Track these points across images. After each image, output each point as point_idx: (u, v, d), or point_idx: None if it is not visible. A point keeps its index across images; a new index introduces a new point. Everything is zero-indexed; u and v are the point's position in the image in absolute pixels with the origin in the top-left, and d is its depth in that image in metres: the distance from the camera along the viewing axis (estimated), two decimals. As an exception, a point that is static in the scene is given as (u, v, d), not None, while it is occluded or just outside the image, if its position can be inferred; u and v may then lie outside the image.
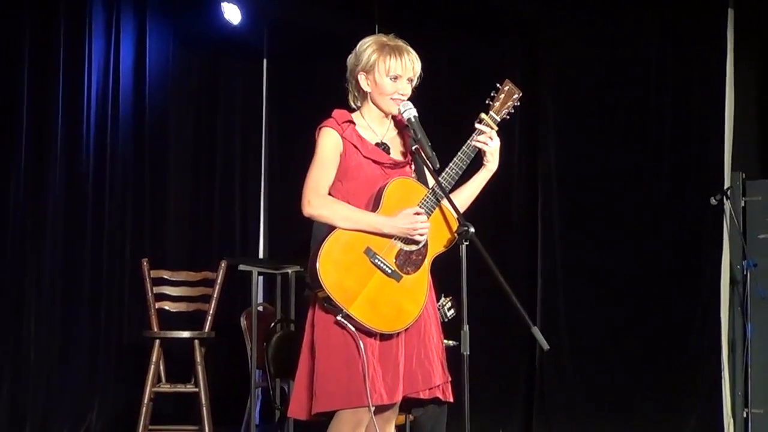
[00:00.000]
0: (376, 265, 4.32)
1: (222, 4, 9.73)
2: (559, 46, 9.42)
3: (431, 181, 4.47)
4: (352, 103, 4.56)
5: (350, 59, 4.54)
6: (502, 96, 4.54)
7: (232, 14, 9.81)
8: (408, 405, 4.83)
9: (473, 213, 4.39)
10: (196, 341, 6.31)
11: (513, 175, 9.43)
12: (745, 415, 8.65)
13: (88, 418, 9.24)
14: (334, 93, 4.62)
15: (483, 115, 4.50)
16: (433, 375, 4.46)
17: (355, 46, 4.56)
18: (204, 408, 6.26)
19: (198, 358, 6.29)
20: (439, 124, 4.75)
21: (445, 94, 9.06)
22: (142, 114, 9.88)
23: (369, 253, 4.32)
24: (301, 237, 5.57)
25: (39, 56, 9.13)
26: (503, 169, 4.70)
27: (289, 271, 7.81)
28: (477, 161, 4.58)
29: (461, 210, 4.41)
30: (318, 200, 4.36)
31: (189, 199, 10.32)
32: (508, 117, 4.56)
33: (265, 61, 11.00)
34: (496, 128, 4.52)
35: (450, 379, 4.53)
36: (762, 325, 8.65)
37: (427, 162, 4.42)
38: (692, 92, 8.94)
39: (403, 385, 4.38)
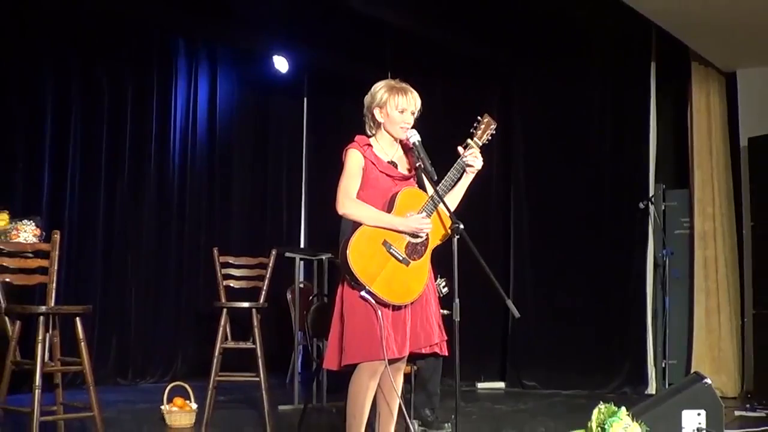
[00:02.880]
0: (391, 253, 4.28)
1: (273, 57, 9.73)
2: (527, 88, 9.43)
3: (430, 190, 4.44)
4: (368, 131, 4.52)
5: (367, 98, 4.50)
6: (483, 126, 4.51)
7: (281, 65, 9.83)
8: (413, 358, 4.78)
9: (463, 214, 4.34)
10: (254, 310, 6.25)
11: (491, 186, 9.44)
12: (663, 365, 8.65)
13: (175, 366, 9.28)
14: (356, 123, 4.57)
15: (469, 141, 4.47)
16: (432, 335, 4.43)
17: (371, 88, 4.52)
18: (260, 360, 6.19)
19: (255, 323, 6.23)
20: (436, 147, 4.68)
21: (440, 124, 9.01)
22: (213, 139, 9.94)
23: (386, 244, 4.28)
24: (333, 232, 5.52)
25: (138, 97, 9.23)
26: (484, 180, 4.66)
27: (324, 257, 7.76)
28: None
29: (452, 209, 4.38)
30: (350, 203, 4.32)
31: (248, 204, 10.37)
32: (488, 142, 4.52)
33: (305, 99, 11.01)
34: (479, 150, 4.48)
35: (446, 338, 4.50)
36: (676, 298, 8.68)
37: (428, 175, 4.40)
38: (625, 123, 8.93)
39: (410, 343, 4.35)
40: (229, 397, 7.77)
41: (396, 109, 4.42)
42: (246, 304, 6.30)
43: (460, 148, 4.45)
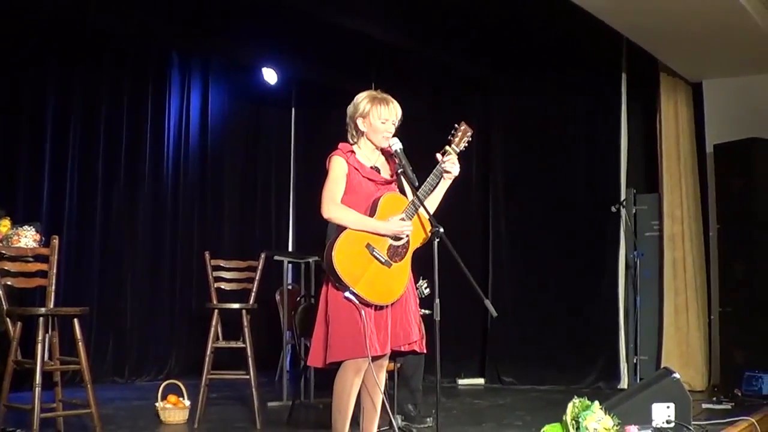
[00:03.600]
0: (374, 256, 4.28)
1: (263, 69, 9.72)
2: (505, 97, 9.46)
3: (411, 195, 4.45)
4: (351, 139, 4.53)
5: (350, 108, 4.51)
6: (460, 133, 4.51)
7: (270, 76, 9.82)
8: (394, 356, 4.79)
9: (443, 218, 4.35)
10: (244, 311, 6.24)
11: (471, 190, 9.44)
12: (635, 361, 8.67)
13: (169, 365, 9.26)
14: (342, 132, 4.57)
15: (447, 147, 4.47)
16: (411, 333, 4.43)
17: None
18: (249, 359, 6.19)
19: (245, 323, 6.23)
20: (420, 154, 4.70)
21: (424, 131, 9.02)
22: (205, 148, 9.92)
23: (369, 247, 4.28)
24: (320, 236, 5.52)
25: (134, 108, 9.22)
26: (464, 184, 4.68)
27: (311, 260, 7.76)
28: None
29: (431, 212, 4.39)
30: (335, 207, 4.32)
31: (238, 209, 10.35)
32: (464, 148, 4.53)
33: (293, 109, 11.00)
34: (457, 156, 4.49)
35: (424, 335, 4.51)
36: (647, 297, 8.69)
37: (410, 181, 4.40)
38: (598, 131, 8.95)
39: (391, 341, 4.36)
40: (220, 394, 7.77)
41: (379, 119, 4.43)
42: (236, 306, 6.30)
43: (438, 155, 4.46)
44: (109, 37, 8.61)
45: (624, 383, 8.49)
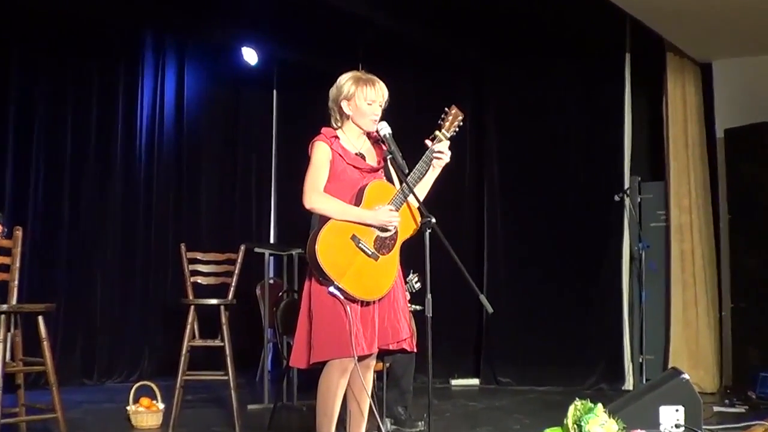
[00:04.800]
0: (360, 248, 4.26)
1: (242, 49, 9.68)
2: (499, 81, 9.45)
3: (398, 183, 4.43)
4: (334, 124, 4.50)
5: (333, 90, 4.49)
6: (450, 117, 4.48)
7: (250, 57, 9.77)
8: (382, 355, 4.77)
9: (435, 209, 4.32)
10: (222, 307, 6.21)
11: (464, 179, 9.45)
12: (640, 361, 8.66)
13: (142, 365, 9.23)
14: (327, 116, 4.54)
15: (437, 132, 4.44)
16: (401, 330, 4.42)
17: None
18: (228, 358, 6.16)
19: (223, 320, 6.20)
20: (407, 141, 4.66)
21: (411, 116, 9.01)
22: (181, 133, 9.91)
23: (354, 239, 4.26)
24: (303, 227, 5.48)
25: (104, 90, 9.17)
26: (457, 174, 4.66)
27: (294, 252, 7.73)
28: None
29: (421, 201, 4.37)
30: (317, 196, 4.30)
31: (216, 198, 10.33)
32: (455, 133, 4.49)
33: (275, 92, 10.96)
34: (449, 142, 4.45)
35: (415, 333, 4.49)
36: (653, 292, 8.69)
37: (399, 168, 4.38)
38: (600, 115, 8.95)
39: (378, 339, 4.35)
40: (197, 397, 7.73)
41: (365, 100, 4.41)
42: (214, 301, 6.26)
43: (427, 141, 4.43)
44: (75, 15, 8.51)
45: (629, 384, 8.49)
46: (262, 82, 10.73)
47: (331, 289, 4.20)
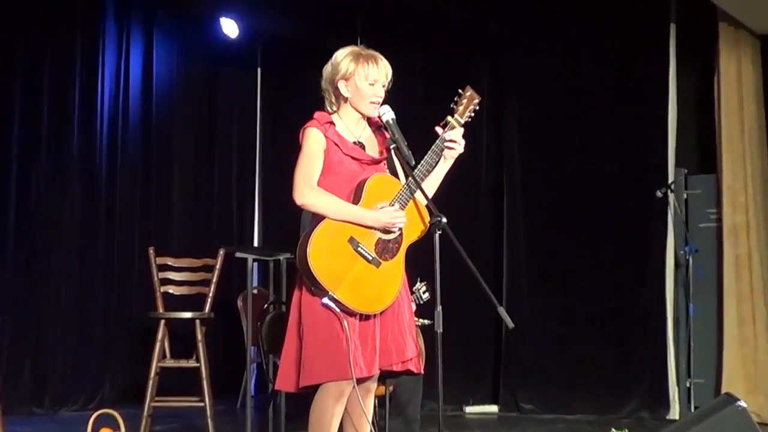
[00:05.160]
0: (359, 252, 4.31)
1: (221, 19, 9.70)
2: (522, 59, 9.45)
3: (404, 177, 4.47)
4: (329, 108, 4.55)
5: (327, 69, 4.53)
6: (465, 101, 4.54)
7: (230, 29, 9.79)
8: (384, 377, 4.81)
9: (446, 206, 4.37)
10: (197, 321, 6.27)
11: (480, 173, 9.46)
12: (688, 385, 8.67)
13: (102, 390, 9.24)
14: (321, 99, 4.59)
15: (449, 118, 4.50)
16: (406, 349, 4.46)
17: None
18: (204, 381, 6.21)
19: (199, 337, 6.25)
20: (414, 128, 4.71)
21: (419, 99, 9.08)
22: (149, 118, 9.89)
23: (353, 242, 4.31)
24: (292, 227, 5.54)
25: (59, 67, 9.11)
26: (472, 166, 4.71)
27: (281, 258, 7.76)
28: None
29: (430, 197, 4.40)
30: (311, 192, 4.34)
31: (191, 194, 10.34)
32: (470, 119, 4.55)
33: (259, 70, 10.98)
34: (462, 129, 4.50)
35: (423, 352, 4.53)
36: (702, 304, 8.69)
37: (404, 160, 4.42)
38: (639, 98, 8.97)
39: (380, 359, 4.39)
40: (167, 427, 7.76)
41: (365, 80, 4.46)
42: (188, 315, 6.32)
43: (438, 128, 4.48)
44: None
45: (674, 413, 8.52)
46: (244, 59, 10.75)
47: (325, 300, 4.24)
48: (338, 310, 4.24)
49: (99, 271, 9.38)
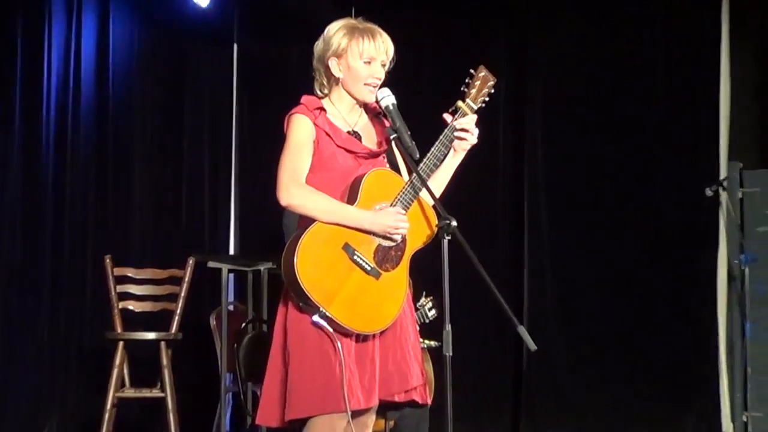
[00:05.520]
0: (355, 262, 4.33)
1: (189, -16, 9.71)
2: (548, 29, 9.45)
3: (405, 172, 4.51)
4: (319, 92, 4.58)
5: (318, 45, 4.57)
6: (478, 83, 4.57)
7: (201, -4, 9.78)
8: (383, 409, 4.82)
9: (456, 207, 4.38)
10: (163, 343, 6.29)
11: (497, 163, 9.44)
12: (744, 419, 8.66)
13: (46, 426, 9.21)
14: (309, 80, 4.61)
15: (459, 103, 4.52)
16: (410, 376, 4.49)
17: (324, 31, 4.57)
18: (171, 414, 6.24)
19: (164, 361, 6.27)
20: (418, 112, 4.73)
21: (425, 81, 9.09)
22: (104, 102, 9.84)
23: (348, 249, 4.33)
24: (275, 231, 5.56)
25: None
26: (487, 159, 4.72)
27: (262, 268, 7.80)
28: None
29: (437, 197, 4.43)
30: (298, 190, 4.37)
31: (155, 191, 10.26)
32: (484, 104, 4.57)
33: (235, 46, 10.96)
34: (476, 116, 4.53)
35: (430, 380, 4.55)
36: (761, 324, 8.66)
37: (406, 152, 4.44)
38: (684, 81, 8.99)
39: (379, 387, 4.41)
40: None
41: (360, 58, 4.49)
42: (152, 335, 6.34)
43: (446, 116, 4.50)
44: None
45: (727, 451, 8.55)
46: (217, 32, 10.74)
47: (316, 318, 4.26)
48: (331, 329, 4.26)
49: (45, 284, 9.31)
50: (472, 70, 4.58)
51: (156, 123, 10.35)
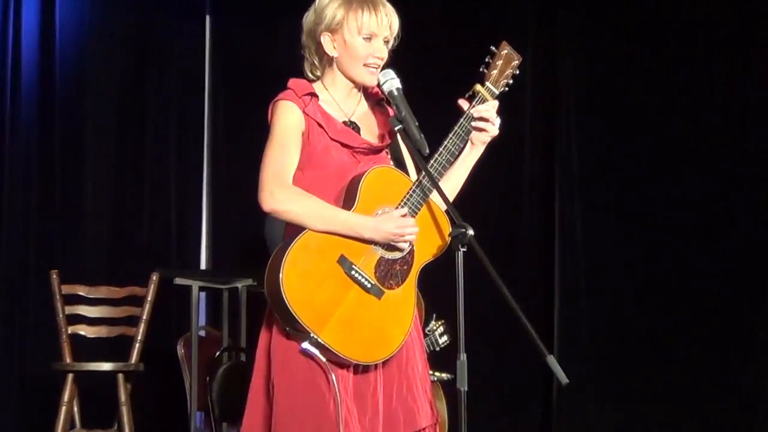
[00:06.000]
0: (352, 278, 4.34)
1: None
2: (580, 4, 9.45)
3: (412, 170, 4.54)
4: (310, 74, 4.60)
5: (308, 18, 4.58)
6: (500, 63, 4.60)
7: (167, -42, 9.80)
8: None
9: (473, 212, 4.40)
10: (120, 375, 6.31)
11: (524, 162, 9.46)
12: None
13: (-16, 473, 9.27)
14: (296, 59, 4.63)
15: (478, 87, 4.54)
16: (419, 415, 4.50)
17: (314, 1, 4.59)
18: (131, 460, 6.25)
19: (122, 397, 6.30)
20: (430, 99, 4.76)
21: (436, 60, 9.11)
22: (50, 86, 9.84)
23: (344, 262, 4.34)
24: (256, 241, 5.58)
25: None
26: (509, 153, 4.74)
27: (240, 285, 7.82)
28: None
29: (451, 201, 4.45)
30: (284, 192, 4.38)
31: (110, 196, 10.28)
32: (507, 89, 4.59)
33: (208, 18, 10.97)
34: (497, 102, 4.55)
35: (444, 419, 4.57)
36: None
37: (414, 146, 4.45)
38: (749, 59, 8.97)
39: (383, 428, 4.42)
40: None
41: (359, 34, 4.50)
42: (107, 366, 6.35)
43: (462, 102, 4.52)
44: None
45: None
46: (186, 2, 10.77)
47: (305, 345, 4.28)
48: (324, 359, 4.28)
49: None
50: (493, 48, 4.60)
51: (113, 111, 10.33)
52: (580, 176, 9.35)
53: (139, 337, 6.38)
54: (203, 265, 10.70)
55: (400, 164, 4.59)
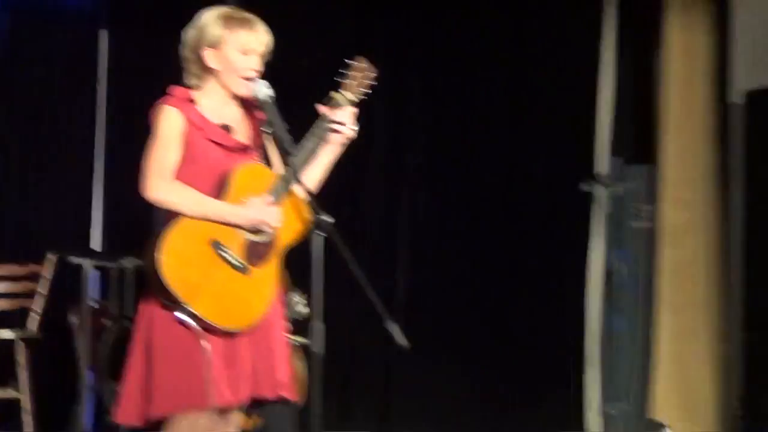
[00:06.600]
0: (222, 257, 4.37)
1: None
2: (421, 22, 9.41)
3: (278, 168, 4.56)
4: (189, 82, 4.60)
5: (190, 34, 4.57)
6: (356, 73, 4.63)
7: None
8: (252, 407, 4.85)
9: (331, 201, 4.43)
10: (20, 342, 6.21)
11: (371, 159, 9.34)
12: (611, 412, 8.78)
13: None
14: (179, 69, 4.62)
15: (333, 93, 4.56)
16: (278, 371, 4.54)
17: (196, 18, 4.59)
18: (26, 415, 6.17)
19: (21, 361, 6.20)
20: (296, 105, 4.76)
21: (304, 72, 9.07)
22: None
23: (215, 244, 4.37)
24: (142, 227, 5.54)
25: None
26: (361, 151, 4.76)
27: (128, 264, 7.76)
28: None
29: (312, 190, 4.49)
30: (164, 184, 4.40)
31: (15, 182, 10.10)
32: (364, 97, 4.64)
33: (103, 32, 10.74)
34: (351, 108, 4.59)
35: (302, 380, 4.60)
36: (631, 318, 8.83)
37: (282, 146, 4.49)
38: (566, 70, 9.03)
39: (248, 384, 4.45)
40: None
41: (237, 49, 4.51)
42: (8, 334, 6.27)
43: (320, 107, 4.55)
44: None
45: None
46: (83, 15, 10.60)
47: (179, 314, 4.31)
48: (196, 326, 4.30)
49: None
50: (349, 60, 4.64)
51: (13, 111, 10.09)
52: (422, 174, 9.35)
53: (37, 309, 6.29)
54: (96, 246, 10.58)
55: (268, 162, 4.61)
